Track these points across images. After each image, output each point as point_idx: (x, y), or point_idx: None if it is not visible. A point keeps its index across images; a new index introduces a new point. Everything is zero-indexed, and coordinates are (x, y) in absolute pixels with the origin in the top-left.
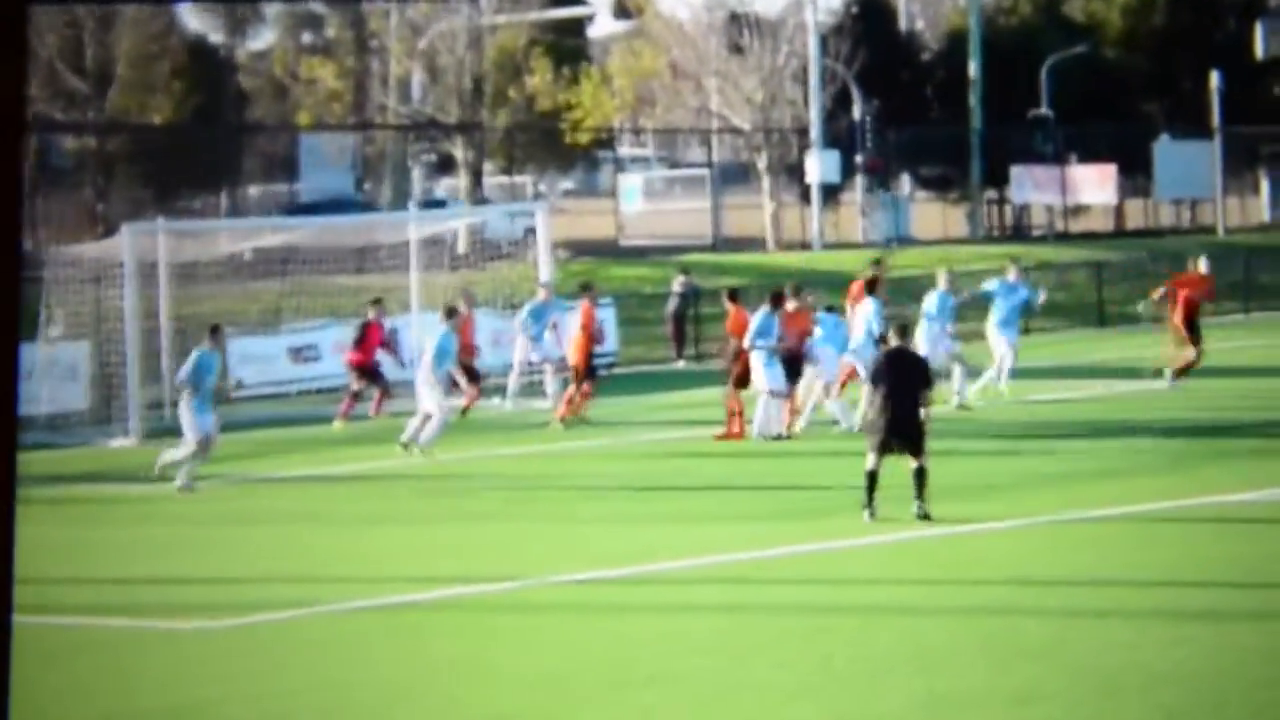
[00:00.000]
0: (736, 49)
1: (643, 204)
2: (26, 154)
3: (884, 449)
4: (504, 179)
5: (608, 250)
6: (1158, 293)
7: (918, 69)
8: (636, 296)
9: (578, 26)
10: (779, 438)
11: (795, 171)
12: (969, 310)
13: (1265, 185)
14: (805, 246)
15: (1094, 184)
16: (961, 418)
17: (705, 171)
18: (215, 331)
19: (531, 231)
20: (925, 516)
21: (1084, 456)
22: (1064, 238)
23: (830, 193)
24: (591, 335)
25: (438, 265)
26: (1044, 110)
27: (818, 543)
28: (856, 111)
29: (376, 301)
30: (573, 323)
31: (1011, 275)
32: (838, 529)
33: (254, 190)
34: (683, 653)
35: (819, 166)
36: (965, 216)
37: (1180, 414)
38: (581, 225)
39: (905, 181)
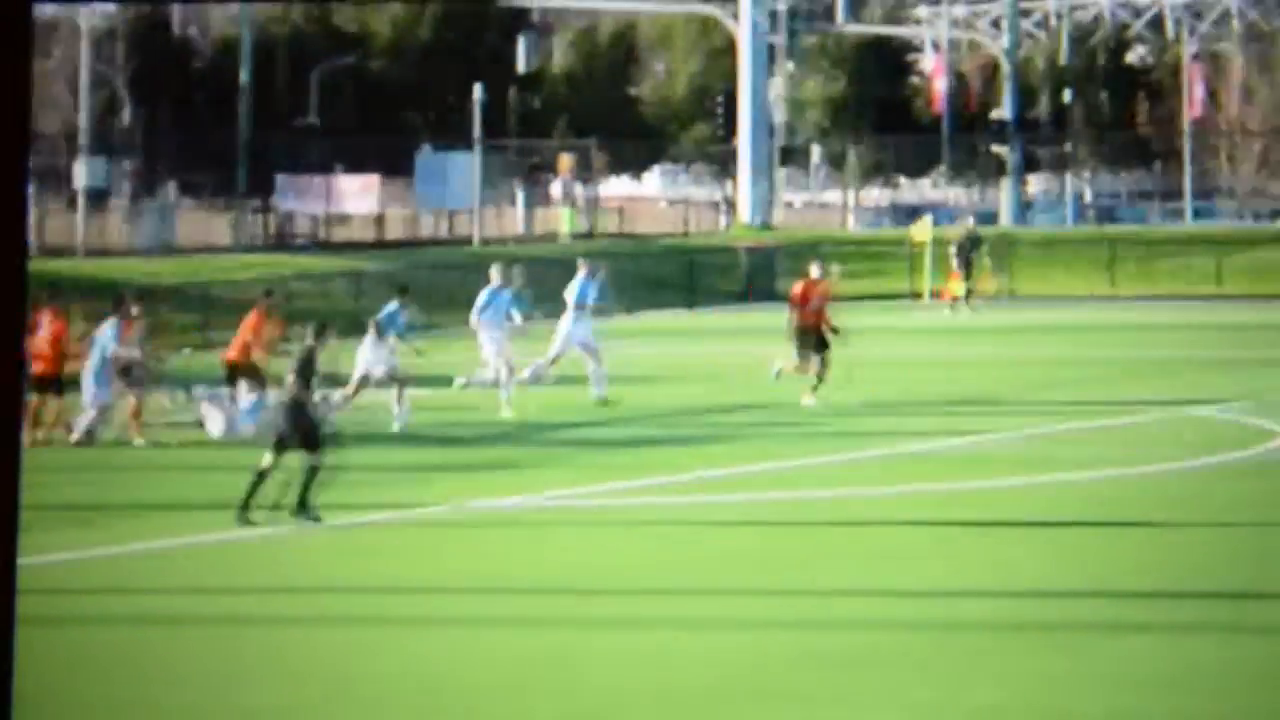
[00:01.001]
0: None
1: None
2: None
3: (280, 446)
4: None
5: None
6: (779, 364)
7: (190, 76)
8: None
9: None
10: (78, 444)
11: (63, 177)
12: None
13: (520, 196)
14: (71, 253)
15: (356, 194)
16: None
17: None
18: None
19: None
20: (315, 517)
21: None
22: (326, 247)
23: (98, 198)
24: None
25: None
26: (312, 119)
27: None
28: (127, 117)
29: None
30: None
31: (497, 278)
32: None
33: None
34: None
35: (85, 172)
36: (229, 224)
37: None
38: None
39: (172, 189)
